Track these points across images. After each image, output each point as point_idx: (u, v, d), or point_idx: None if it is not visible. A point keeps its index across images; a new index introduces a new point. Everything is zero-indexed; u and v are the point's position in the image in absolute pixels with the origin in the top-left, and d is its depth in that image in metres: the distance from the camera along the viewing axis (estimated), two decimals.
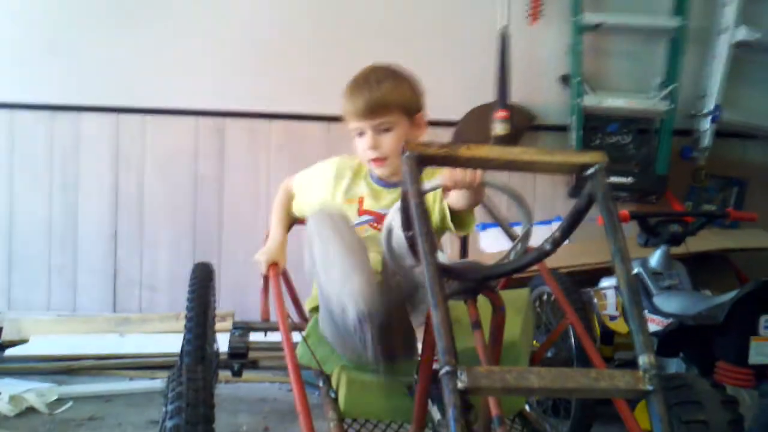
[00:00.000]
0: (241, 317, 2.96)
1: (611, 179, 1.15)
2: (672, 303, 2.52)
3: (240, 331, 2.23)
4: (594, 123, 3.65)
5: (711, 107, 3.59)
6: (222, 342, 2.33)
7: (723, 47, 3.58)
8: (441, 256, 1.46)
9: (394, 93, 1.78)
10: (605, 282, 2.86)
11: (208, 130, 3.77)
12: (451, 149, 1.13)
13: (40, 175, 3.74)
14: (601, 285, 2.85)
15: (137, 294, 3.78)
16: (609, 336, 2.69)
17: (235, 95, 3.74)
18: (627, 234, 1.15)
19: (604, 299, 2.75)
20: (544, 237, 1.30)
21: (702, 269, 3.06)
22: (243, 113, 3.76)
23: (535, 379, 0.95)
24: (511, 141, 3.52)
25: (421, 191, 1.08)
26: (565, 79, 3.72)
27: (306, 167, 2.06)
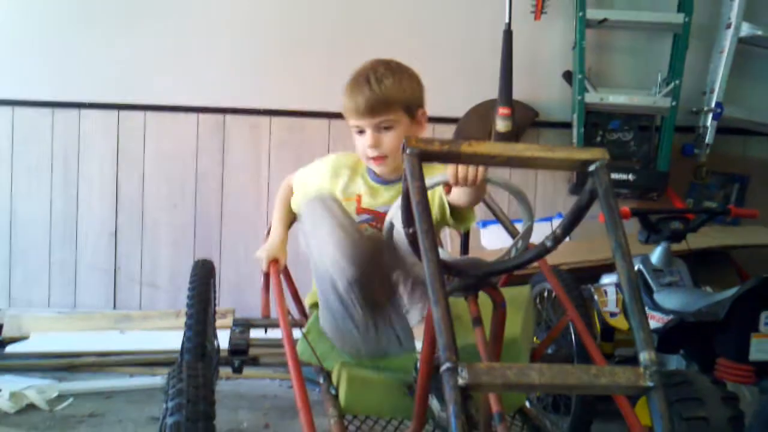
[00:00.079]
0: (242, 314, 2.95)
1: (612, 176, 1.14)
2: (673, 300, 2.52)
3: (240, 328, 2.23)
4: (596, 120, 3.65)
5: (713, 104, 3.59)
6: (222, 339, 2.33)
7: (728, 42, 3.56)
8: (442, 252, 1.45)
9: (395, 91, 1.75)
10: (606, 279, 2.86)
11: (208, 126, 3.76)
12: (453, 146, 1.12)
13: (40, 172, 3.74)
14: (602, 282, 2.85)
15: (137, 291, 3.78)
16: (609, 333, 2.69)
17: (236, 92, 3.74)
18: (628, 231, 1.14)
19: (604, 296, 2.75)
20: (545, 234, 1.30)
21: (703, 266, 3.05)
22: (244, 110, 3.75)
23: (536, 376, 0.95)
24: (513, 138, 3.52)
25: (423, 188, 1.08)
26: (568, 76, 3.71)
27: (307, 164, 2.06)
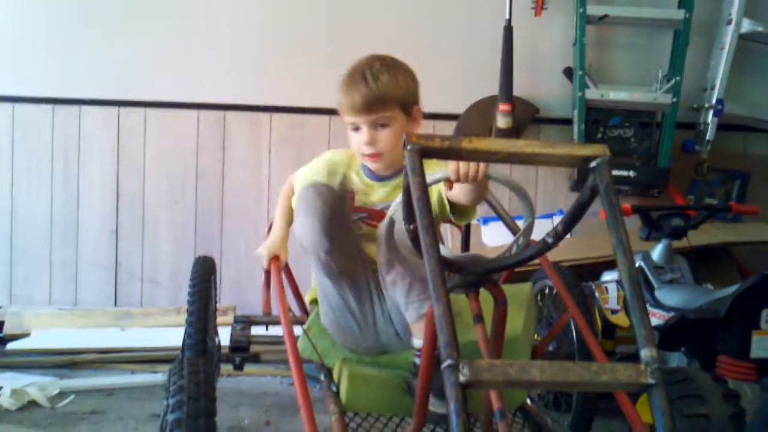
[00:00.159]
0: (243, 311, 2.96)
1: (613, 173, 1.14)
2: (674, 297, 2.52)
3: (241, 325, 2.23)
4: (596, 116, 3.64)
5: (714, 100, 3.58)
6: (224, 336, 2.33)
7: (729, 38, 3.55)
8: (443, 249, 1.45)
9: (391, 87, 1.73)
10: (607, 276, 2.85)
11: (209, 123, 3.76)
12: (454, 142, 1.12)
13: (41, 169, 3.74)
14: (603, 279, 2.85)
15: (138, 288, 3.78)
16: (610, 330, 2.69)
17: (236, 88, 3.74)
18: (629, 228, 1.14)
19: (605, 293, 2.75)
20: (546, 230, 1.30)
21: (704, 263, 3.05)
22: (244, 106, 3.75)
23: (537, 373, 0.94)
24: (514, 134, 3.51)
25: (424, 184, 1.07)
26: (569, 72, 3.70)
27: (307, 160, 2.05)
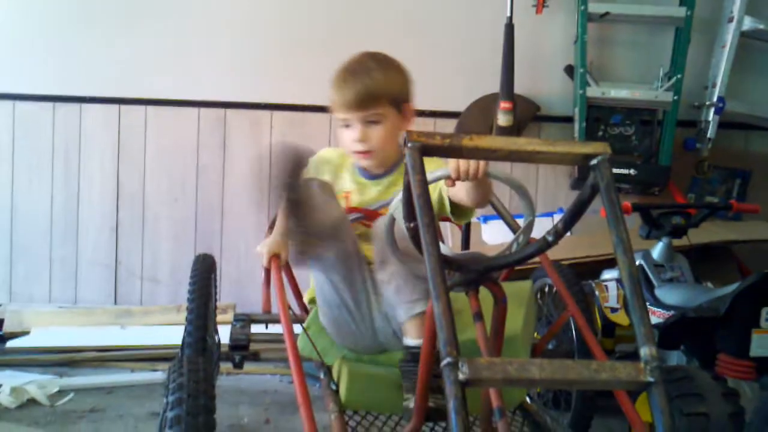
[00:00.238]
0: (243, 309, 2.96)
1: (614, 170, 1.13)
2: (674, 295, 2.52)
3: (241, 323, 2.23)
4: (597, 114, 3.64)
5: (715, 98, 3.57)
6: (223, 334, 2.33)
7: (730, 36, 3.55)
8: (443, 247, 1.45)
9: (383, 84, 1.72)
10: (607, 274, 2.85)
11: (209, 120, 3.76)
12: (455, 140, 1.11)
13: (41, 167, 3.74)
14: (603, 277, 2.85)
15: (138, 286, 3.78)
16: (610, 328, 2.69)
17: (237, 86, 3.73)
18: (629, 226, 1.14)
19: (605, 291, 2.75)
20: (546, 229, 1.30)
21: (704, 261, 3.05)
22: (245, 104, 3.75)
23: (537, 371, 0.94)
24: (515, 132, 3.51)
25: (425, 182, 1.07)
26: (570, 70, 3.70)
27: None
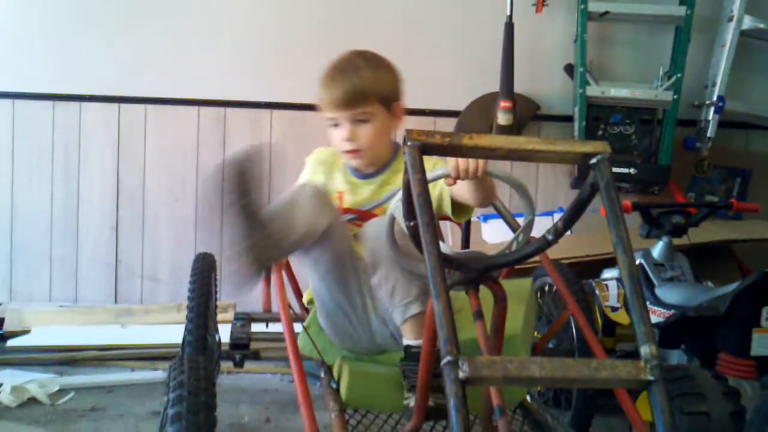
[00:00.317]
0: (243, 308, 2.94)
1: (614, 170, 1.13)
2: (674, 294, 2.52)
3: (241, 322, 2.23)
4: (597, 113, 3.64)
5: (715, 97, 3.57)
6: (224, 333, 2.33)
7: (730, 35, 3.55)
8: (443, 246, 1.45)
9: (372, 82, 1.70)
10: (607, 273, 2.85)
11: (209, 119, 3.76)
12: (454, 139, 1.11)
13: (41, 166, 3.74)
14: (603, 276, 2.85)
15: (139, 285, 3.78)
16: (610, 327, 2.69)
17: (237, 85, 3.73)
18: (629, 225, 1.14)
19: (605, 290, 2.75)
20: (546, 228, 1.30)
21: (704, 261, 3.05)
22: (244, 103, 3.75)
23: (537, 369, 0.94)
24: (515, 131, 3.51)
25: (424, 181, 1.07)
26: (570, 69, 3.70)
27: (307, 156, 2.04)
